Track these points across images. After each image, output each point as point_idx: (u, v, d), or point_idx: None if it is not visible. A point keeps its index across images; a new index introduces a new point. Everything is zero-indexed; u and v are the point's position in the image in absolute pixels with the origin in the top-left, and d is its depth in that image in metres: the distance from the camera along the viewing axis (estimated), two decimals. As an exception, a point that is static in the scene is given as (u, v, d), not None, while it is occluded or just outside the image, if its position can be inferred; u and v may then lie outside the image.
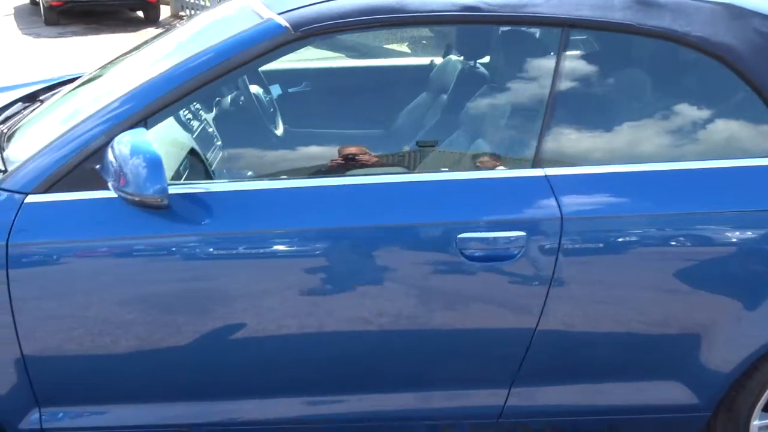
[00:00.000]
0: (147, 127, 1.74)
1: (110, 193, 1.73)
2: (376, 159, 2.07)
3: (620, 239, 1.80)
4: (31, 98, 2.53)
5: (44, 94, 2.58)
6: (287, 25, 1.79)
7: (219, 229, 1.75)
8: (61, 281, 1.76)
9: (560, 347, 1.88)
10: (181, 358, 1.86)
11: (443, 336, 1.87)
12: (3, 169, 1.82)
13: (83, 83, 2.37)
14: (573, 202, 1.78)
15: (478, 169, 1.94)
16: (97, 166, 1.72)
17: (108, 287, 1.78)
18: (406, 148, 2.09)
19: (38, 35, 9.28)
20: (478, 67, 2.62)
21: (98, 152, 1.73)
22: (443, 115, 2.38)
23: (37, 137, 1.99)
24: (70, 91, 2.35)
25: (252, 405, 1.93)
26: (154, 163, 1.59)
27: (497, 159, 1.96)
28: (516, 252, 1.77)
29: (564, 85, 1.86)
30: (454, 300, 1.83)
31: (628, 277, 1.83)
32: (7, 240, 1.71)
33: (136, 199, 1.63)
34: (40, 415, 1.90)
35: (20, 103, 2.45)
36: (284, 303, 1.80)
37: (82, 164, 1.74)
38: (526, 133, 1.91)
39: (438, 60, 2.91)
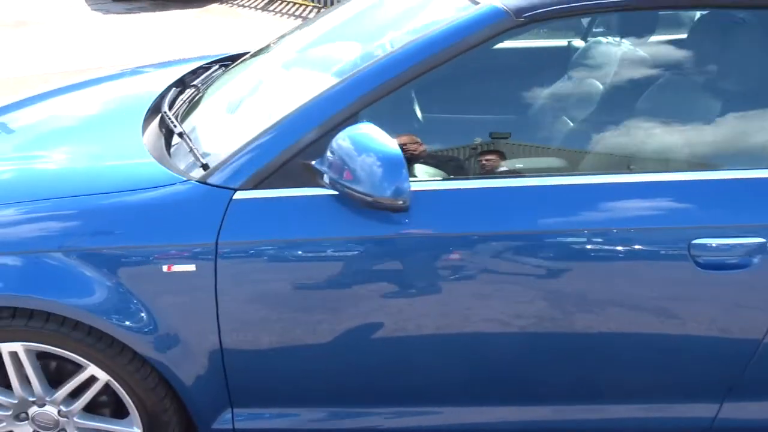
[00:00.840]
0: (358, 120, 1.65)
1: (321, 191, 1.65)
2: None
3: None
4: (181, 83, 2.45)
5: (190, 77, 2.50)
6: (508, 10, 1.67)
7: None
8: (268, 280, 1.68)
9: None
10: (389, 363, 1.78)
11: (659, 344, 1.75)
12: (202, 163, 1.74)
13: (247, 66, 2.29)
14: None
15: (698, 168, 1.80)
16: (312, 162, 1.63)
17: (315, 288, 1.69)
18: (604, 142, 1.95)
19: (107, 11, 9.25)
20: (641, 52, 2.46)
21: (310, 147, 1.65)
22: (622, 106, 2.22)
23: (227, 129, 1.92)
24: (238, 75, 2.28)
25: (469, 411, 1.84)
26: (395, 162, 1.49)
27: (718, 157, 1.82)
28: (754, 260, 1.64)
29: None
30: (678, 308, 1.71)
31: None
32: (217, 237, 1.65)
33: (369, 199, 1.53)
34: (233, 416, 1.85)
35: (174, 89, 2.37)
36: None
37: (292, 160, 1.65)
38: (758, 129, 1.77)
39: (576, 42, 2.75)
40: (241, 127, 1.80)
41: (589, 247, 1.66)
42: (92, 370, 1.78)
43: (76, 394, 1.84)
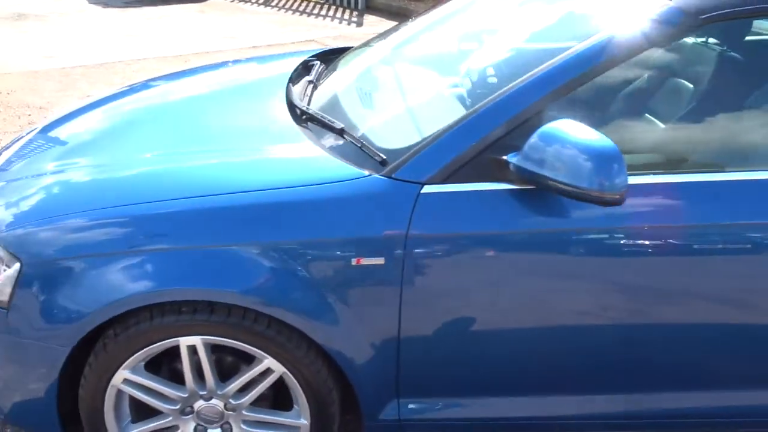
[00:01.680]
0: (544, 116, 1.69)
1: (507, 185, 1.68)
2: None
3: None
4: (307, 70, 2.47)
5: (304, 72, 2.51)
6: (688, 10, 1.73)
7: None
8: (455, 273, 1.72)
9: None
10: (571, 353, 1.83)
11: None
12: (381, 159, 1.76)
13: (371, 59, 2.30)
14: None
15: None
16: (504, 156, 1.67)
17: (503, 280, 1.73)
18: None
19: (106, 5, 9.07)
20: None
21: (498, 142, 1.68)
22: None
23: (388, 123, 1.94)
24: (365, 69, 2.29)
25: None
26: (613, 155, 1.54)
27: None
28: None
29: None
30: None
31: None
32: (407, 231, 1.68)
33: (585, 193, 1.54)
34: (399, 406, 1.88)
35: (306, 82, 2.38)
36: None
37: (480, 154, 1.69)
38: None
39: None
40: (408, 122, 1.83)
41: None
42: (269, 362, 1.79)
43: (244, 387, 1.85)
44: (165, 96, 2.60)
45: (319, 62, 2.61)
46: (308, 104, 2.15)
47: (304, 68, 2.55)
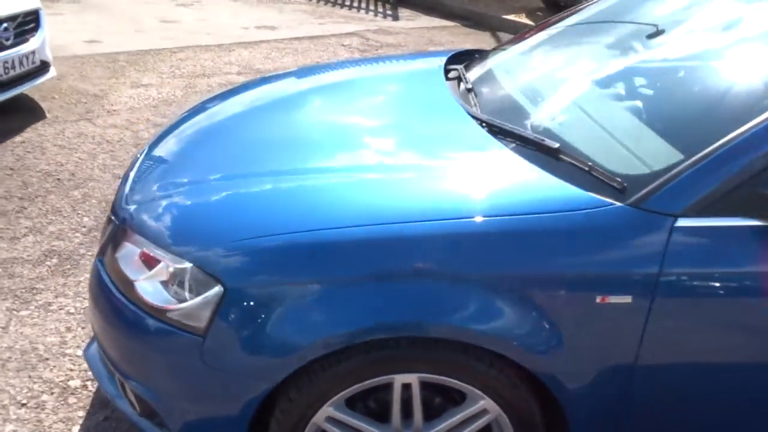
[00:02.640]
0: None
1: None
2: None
3: None
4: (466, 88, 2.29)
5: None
6: None
7: None
8: (706, 313, 1.58)
9: None
10: None
11: None
12: (621, 185, 1.61)
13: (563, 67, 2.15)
14: None
15: None
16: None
17: (755, 324, 1.60)
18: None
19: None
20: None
21: (763, 174, 1.54)
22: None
23: (624, 138, 1.80)
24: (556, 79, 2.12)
25: None
26: None
27: None
28: None
29: None
30: None
31: None
32: (660, 267, 1.53)
33: None
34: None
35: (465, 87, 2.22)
36: None
37: (740, 187, 1.54)
38: None
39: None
40: (639, 141, 1.69)
41: None
42: (485, 403, 1.65)
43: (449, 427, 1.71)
44: (308, 101, 2.42)
45: (463, 68, 2.46)
46: (488, 116, 1.99)
47: (455, 75, 2.40)
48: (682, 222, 1.54)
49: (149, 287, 1.71)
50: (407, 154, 1.93)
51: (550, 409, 1.71)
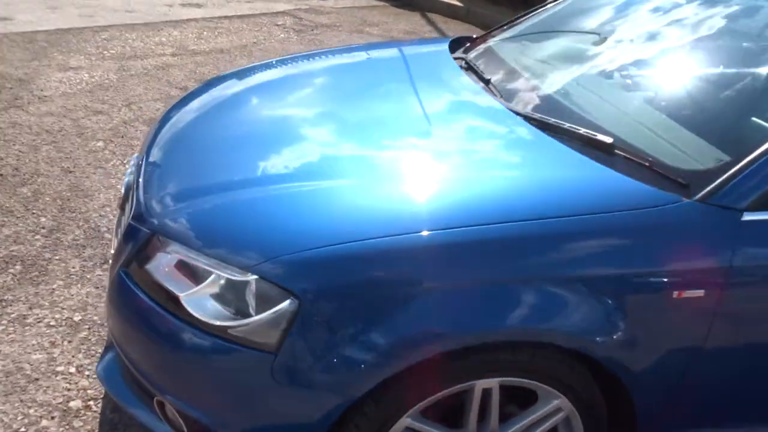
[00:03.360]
0: None
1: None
2: None
3: None
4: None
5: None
6: None
7: None
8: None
9: None
10: None
11: None
12: (684, 182, 1.62)
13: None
14: None
15: None
16: None
17: None
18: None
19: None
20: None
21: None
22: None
23: (679, 131, 1.79)
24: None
25: None
26: None
27: None
28: None
29: None
30: None
31: None
32: (730, 262, 1.56)
33: None
34: None
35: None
36: None
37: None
38: None
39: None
40: (693, 134, 1.70)
41: None
42: (560, 402, 1.63)
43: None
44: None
45: (473, 57, 2.41)
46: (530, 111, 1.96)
47: (467, 66, 2.34)
48: (748, 216, 1.58)
49: (199, 301, 1.58)
50: (456, 153, 1.87)
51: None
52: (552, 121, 1.88)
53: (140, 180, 1.92)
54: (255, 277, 1.50)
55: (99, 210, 3.12)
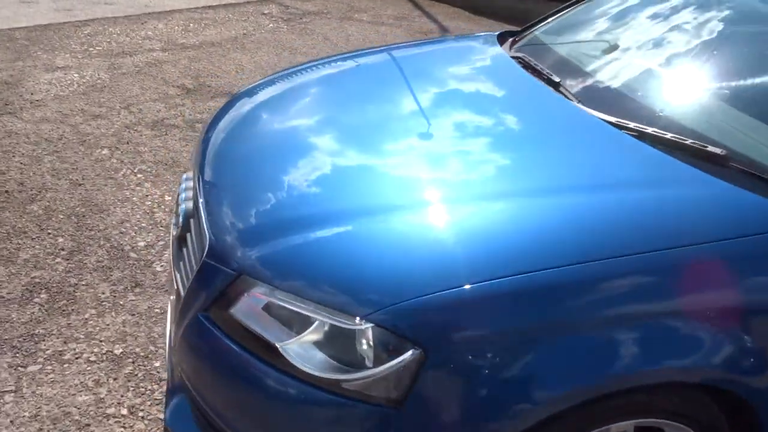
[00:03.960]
0: None
1: None
2: None
3: None
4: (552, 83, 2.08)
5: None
6: None
7: None
8: None
9: None
10: None
11: None
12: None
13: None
14: None
15: None
16: None
17: None
18: None
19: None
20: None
21: None
22: None
23: None
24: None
25: None
26: None
27: None
28: None
29: None
30: None
31: None
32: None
33: None
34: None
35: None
36: None
37: None
38: None
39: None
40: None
41: None
42: (687, 435, 1.54)
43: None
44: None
45: (532, 59, 2.27)
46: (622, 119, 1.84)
47: (527, 67, 2.20)
48: None
49: (301, 351, 1.43)
50: (564, 174, 1.72)
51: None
52: (658, 134, 1.74)
53: (202, 208, 1.75)
54: (371, 325, 1.36)
55: (118, 227, 2.91)
